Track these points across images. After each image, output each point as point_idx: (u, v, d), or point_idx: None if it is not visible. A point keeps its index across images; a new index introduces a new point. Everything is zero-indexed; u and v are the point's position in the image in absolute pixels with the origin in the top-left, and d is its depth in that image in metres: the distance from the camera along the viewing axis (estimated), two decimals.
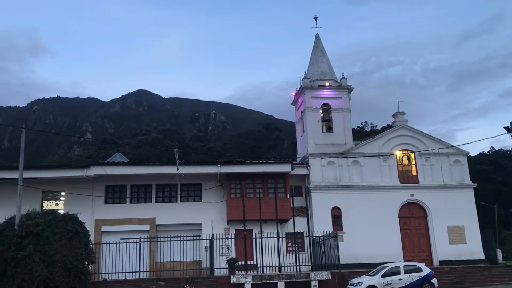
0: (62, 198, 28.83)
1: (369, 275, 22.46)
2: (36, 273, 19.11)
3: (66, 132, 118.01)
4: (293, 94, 35.46)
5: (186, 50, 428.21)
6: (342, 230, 29.39)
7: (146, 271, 25.19)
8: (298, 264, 26.49)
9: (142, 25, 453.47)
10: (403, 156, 31.91)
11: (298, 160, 33.31)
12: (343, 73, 33.91)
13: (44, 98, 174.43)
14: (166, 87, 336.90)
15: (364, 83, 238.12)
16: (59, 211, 24.73)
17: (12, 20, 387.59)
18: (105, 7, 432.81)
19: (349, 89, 33.32)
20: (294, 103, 36.11)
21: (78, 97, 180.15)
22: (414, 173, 31.82)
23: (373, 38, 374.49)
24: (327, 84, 33.31)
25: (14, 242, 19.85)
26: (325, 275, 23.53)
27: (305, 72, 34.42)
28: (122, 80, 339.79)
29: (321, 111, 32.58)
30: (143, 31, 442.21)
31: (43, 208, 27.35)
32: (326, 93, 33.00)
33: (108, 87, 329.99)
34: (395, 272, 22.09)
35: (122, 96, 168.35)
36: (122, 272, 23.68)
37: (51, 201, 29.42)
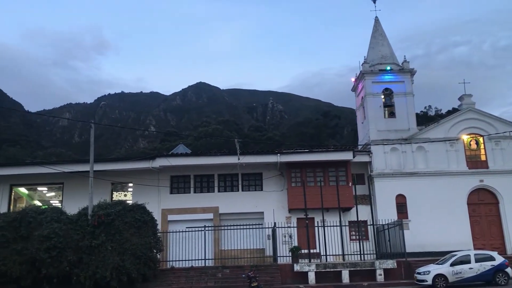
0: (130, 189, 30.07)
1: (437, 264, 21.73)
2: (109, 260, 20.13)
3: (131, 126, 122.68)
4: (353, 79, 34.73)
5: (244, 40, 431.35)
6: (407, 218, 28.59)
7: (211, 259, 25.80)
8: (362, 252, 26.12)
9: (201, 18, 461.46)
10: (471, 141, 30.46)
11: (359, 147, 32.67)
12: (404, 56, 32.76)
13: (109, 94, 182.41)
14: (224, 78, 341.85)
15: (428, 65, 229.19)
16: (128, 202, 25.88)
17: (77, 19, 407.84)
18: (165, 3, 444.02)
19: (412, 73, 32.15)
20: (354, 89, 35.38)
21: (141, 92, 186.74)
22: (483, 157, 30.28)
23: (437, 17, 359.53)
24: (388, 68, 32.31)
25: (87, 231, 21.04)
26: (390, 263, 23.10)
27: (364, 56, 33.61)
28: (182, 73, 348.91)
29: (382, 96, 31.71)
30: (202, 24, 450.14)
31: (113, 199, 28.67)
32: (387, 77, 32.01)
33: (169, 81, 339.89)
34: (465, 260, 21.18)
35: (182, 89, 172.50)
36: (188, 260, 24.45)
37: (120, 192, 30.80)
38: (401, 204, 29.23)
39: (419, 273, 21.33)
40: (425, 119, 63.86)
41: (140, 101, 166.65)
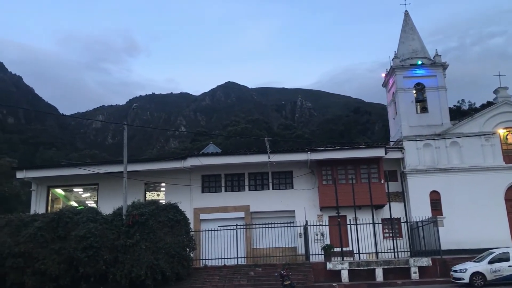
0: (162, 189, 30.47)
1: (474, 261, 21.18)
2: (144, 259, 20.48)
3: (162, 127, 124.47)
4: (383, 75, 34.23)
5: (272, 39, 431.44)
6: (441, 214, 27.99)
7: (244, 257, 25.91)
8: (395, 250, 25.75)
9: (229, 18, 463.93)
10: (507, 135, 29.55)
11: (391, 143, 32.15)
12: (436, 49, 32.04)
13: (140, 95, 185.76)
14: (252, 77, 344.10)
15: (461, 58, 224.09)
16: (161, 201, 26.24)
17: (108, 23, 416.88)
18: (193, 4, 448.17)
19: (444, 66, 31.44)
20: (385, 84, 34.86)
21: (171, 93, 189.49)
22: None
23: (471, 8, 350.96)
24: (420, 62, 31.70)
25: (122, 231, 21.45)
26: (425, 261, 22.70)
27: (395, 51, 33.08)
28: (211, 73, 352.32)
29: (414, 91, 31.14)
30: (230, 24, 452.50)
31: (146, 199, 29.10)
32: (418, 72, 31.41)
33: (198, 82, 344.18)
34: (503, 258, 20.56)
35: (211, 89, 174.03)
36: (221, 258, 24.61)
37: (152, 192, 31.22)
38: (435, 200, 28.65)
39: (455, 271, 20.86)
40: (458, 114, 62.40)
41: (171, 102, 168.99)
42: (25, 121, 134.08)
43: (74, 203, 31.99)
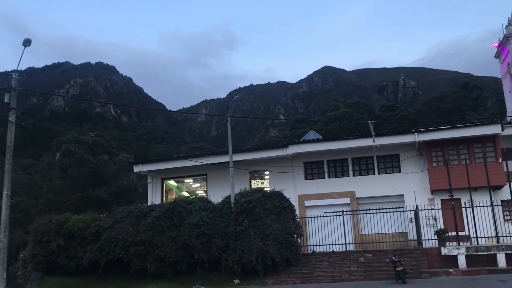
0: (266, 177, 31.06)
1: None
2: (253, 245, 21.07)
3: (261, 116, 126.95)
4: (496, 45, 31.45)
5: (368, 18, 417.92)
6: None
7: (351, 243, 25.56)
8: None
9: (321, 2, 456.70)
10: None
11: (508, 119, 29.59)
12: None
13: (240, 87, 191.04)
14: (350, 59, 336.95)
15: None
16: (265, 189, 26.77)
17: (207, 18, 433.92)
18: None
19: None
20: (498, 55, 32.01)
21: (269, 82, 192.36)
22: None
23: None
24: None
25: (232, 219, 22.30)
26: None
27: (508, 18, 30.19)
28: (307, 59, 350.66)
29: None
30: (325, 8, 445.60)
31: (252, 187, 29.85)
32: None
33: (294, 69, 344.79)
34: None
35: (308, 75, 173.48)
36: (328, 244, 24.51)
37: (257, 180, 32.00)
38: None
39: None
40: None
41: (268, 91, 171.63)
42: (137, 119, 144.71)
43: (186, 193, 33.89)
